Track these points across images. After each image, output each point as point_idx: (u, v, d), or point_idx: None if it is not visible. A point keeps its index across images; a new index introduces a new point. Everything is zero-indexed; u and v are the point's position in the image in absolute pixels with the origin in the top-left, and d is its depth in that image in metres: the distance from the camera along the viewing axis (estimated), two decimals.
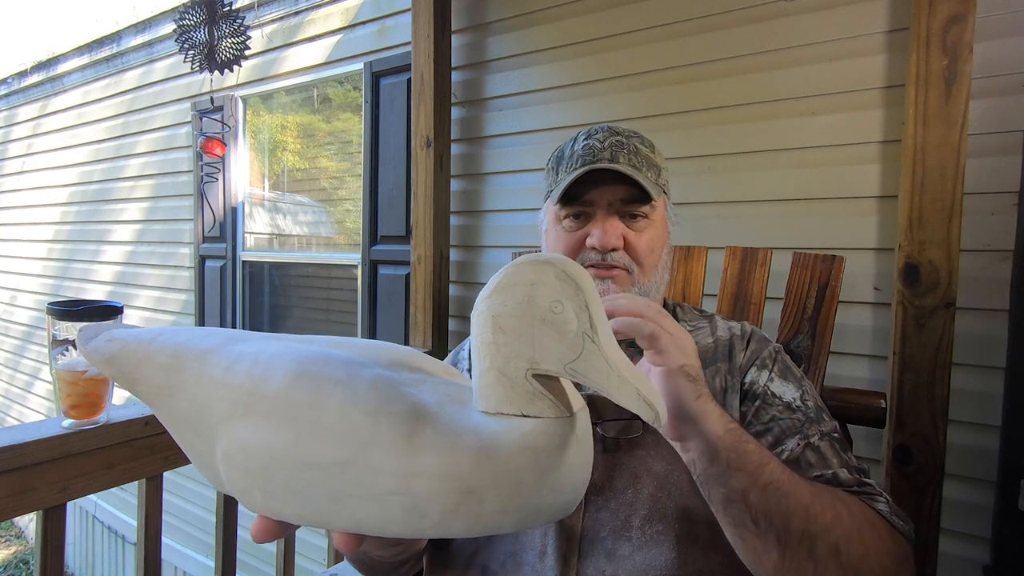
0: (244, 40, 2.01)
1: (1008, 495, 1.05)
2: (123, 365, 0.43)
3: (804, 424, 0.68)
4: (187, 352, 0.40)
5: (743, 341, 0.77)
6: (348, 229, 2.52)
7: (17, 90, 4.25)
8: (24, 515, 0.86)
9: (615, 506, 0.65)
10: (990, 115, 1.15)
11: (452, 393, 0.35)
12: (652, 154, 0.78)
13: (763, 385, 0.72)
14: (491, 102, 1.83)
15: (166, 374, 0.40)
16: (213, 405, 0.37)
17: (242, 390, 0.36)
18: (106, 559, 3.59)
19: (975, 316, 1.17)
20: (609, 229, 0.73)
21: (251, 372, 0.36)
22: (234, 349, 0.39)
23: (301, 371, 0.35)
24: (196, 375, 0.39)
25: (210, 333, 0.43)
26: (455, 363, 0.90)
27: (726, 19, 1.43)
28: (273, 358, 0.37)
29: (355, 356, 0.37)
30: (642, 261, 0.75)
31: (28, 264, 4.21)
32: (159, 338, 0.43)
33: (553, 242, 0.78)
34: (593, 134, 0.78)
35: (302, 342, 0.40)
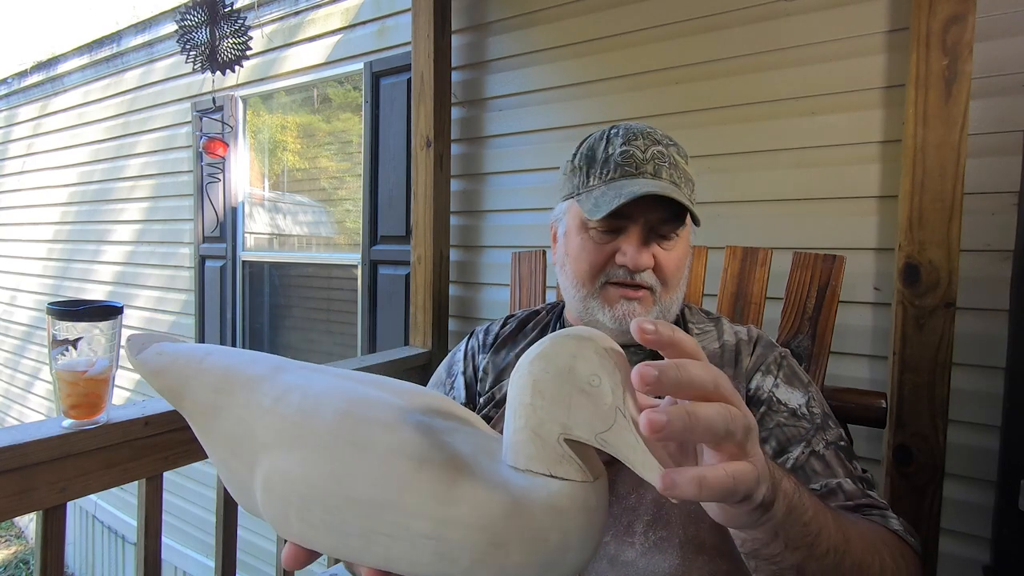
0: (245, 40, 2.01)
1: (1008, 495, 1.05)
2: (171, 380, 0.45)
3: (809, 432, 0.66)
4: (237, 376, 0.42)
5: (750, 346, 0.75)
6: (348, 229, 2.52)
7: (17, 90, 4.25)
8: (24, 515, 0.86)
9: (618, 511, 0.64)
10: (990, 115, 1.15)
11: (483, 444, 0.37)
12: (687, 166, 0.75)
13: (768, 391, 0.70)
14: (491, 102, 1.83)
15: (215, 395, 0.42)
16: (258, 431, 0.39)
17: (291, 421, 0.38)
18: (106, 559, 3.59)
19: (975, 316, 1.17)
20: (644, 250, 0.70)
21: (302, 405, 0.38)
22: (283, 379, 0.41)
23: (350, 411, 0.37)
24: (245, 400, 0.40)
25: (256, 359, 0.44)
26: (451, 365, 0.89)
27: (726, 19, 1.43)
28: (323, 394, 0.39)
29: (397, 400, 0.39)
30: (668, 280, 0.73)
31: (28, 264, 4.21)
32: (209, 358, 0.44)
33: (576, 251, 0.74)
34: (632, 139, 0.72)
35: (344, 379, 0.41)
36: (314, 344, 2.62)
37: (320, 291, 2.61)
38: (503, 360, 0.83)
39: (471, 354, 0.87)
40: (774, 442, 0.66)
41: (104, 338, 0.77)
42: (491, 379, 0.82)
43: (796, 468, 0.64)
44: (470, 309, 1.89)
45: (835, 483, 0.62)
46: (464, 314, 1.90)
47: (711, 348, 0.76)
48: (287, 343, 2.73)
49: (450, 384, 0.86)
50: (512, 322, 0.88)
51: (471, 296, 1.89)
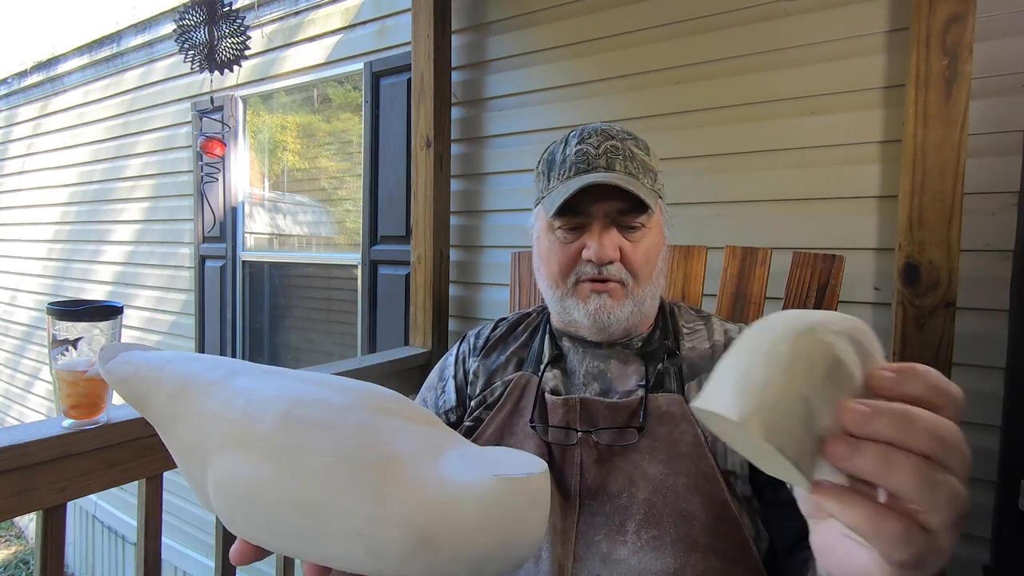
0: (244, 40, 2.01)
1: (1008, 495, 1.05)
2: (135, 388, 0.47)
3: None
4: (193, 382, 0.44)
5: None
6: (348, 229, 2.52)
7: (17, 90, 4.25)
8: (24, 515, 0.86)
9: (609, 510, 0.65)
10: (990, 115, 1.15)
11: (429, 441, 0.38)
12: (648, 157, 0.75)
13: None
14: (491, 102, 1.83)
15: (172, 401, 0.44)
16: (209, 435, 0.40)
17: (236, 425, 0.39)
18: (106, 559, 3.59)
19: (975, 316, 1.17)
20: (606, 242, 0.71)
21: (246, 409, 0.39)
22: (235, 384, 0.42)
23: (291, 412, 0.38)
24: (198, 406, 0.42)
25: (217, 365, 0.46)
26: (442, 370, 0.89)
27: (726, 19, 1.43)
28: (268, 398, 0.40)
29: (343, 400, 0.40)
30: (637, 272, 0.73)
31: (28, 264, 4.21)
32: (169, 366, 0.46)
33: (546, 253, 0.77)
34: (586, 138, 0.75)
35: (299, 380, 0.43)
36: (314, 344, 2.62)
37: (320, 291, 2.61)
38: (493, 363, 0.83)
39: (462, 358, 0.88)
40: None
41: (104, 338, 0.77)
42: (482, 382, 0.82)
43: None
44: (470, 309, 1.89)
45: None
46: (464, 314, 1.90)
47: (701, 348, 0.76)
48: (287, 343, 2.73)
49: (441, 388, 0.87)
50: (503, 325, 0.89)
51: (471, 296, 1.89)
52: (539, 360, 0.81)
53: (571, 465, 0.69)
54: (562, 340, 0.81)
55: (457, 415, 0.84)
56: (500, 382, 0.80)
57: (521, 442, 0.72)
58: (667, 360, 0.74)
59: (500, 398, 0.78)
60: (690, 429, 0.68)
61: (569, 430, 0.70)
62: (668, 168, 1.51)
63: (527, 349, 0.84)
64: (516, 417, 0.76)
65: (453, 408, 0.84)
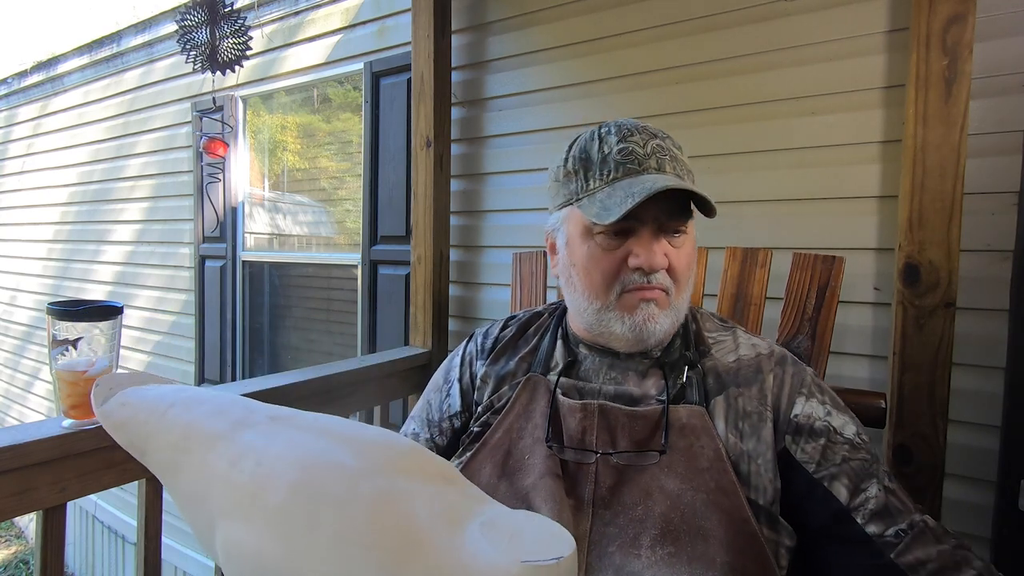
0: (245, 40, 2.01)
1: (1008, 495, 1.05)
2: (133, 436, 0.44)
3: (872, 464, 0.64)
4: (196, 434, 0.41)
5: (771, 362, 0.71)
6: (348, 229, 2.52)
7: (17, 90, 4.25)
8: (24, 515, 0.86)
9: (624, 521, 0.62)
10: (990, 115, 1.15)
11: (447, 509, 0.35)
12: (685, 157, 0.72)
13: (823, 419, 0.66)
14: (491, 102, 1.83)
15: (174, 452, 0.42)
16: (215, 496, 0.38)
17: (244, 491, 0.37)
18: (106, 559, 3.59)
19: (975, 316, 1.16)
20: (657, 249, 0.67)
21: (255, 474, 0.37)
22: (242, 439, 0.40)
23: (301, 482, 0.36)
24: (201, 461, 0.40)
25: (220, 410, 0.43)
26: (448, 371, 0.86)
27: (726, 19, 1.43)
28: (277, 461, 0.37)
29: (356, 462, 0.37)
30: (680, 280, 0.70)
31: (28, 264, 4.21)
32: (171, 411, 0.43)
33: (585, 260, 0.70)
34: (627, 135, 0.68)
35: (310, 433, 0.40)
36: (314, 344, 2.62)
37: (320, 291, 2.61)
38: (502, 368, 0.80)
39: (469, 360, 0.85)
40: (846, 480, 0.63)
41: (104, 338, 0.77)
42: (491, 387, 0.79)
43: (879, 510, 0.61)
44: (470, 309, 1.89)
45: (919, 520, 0.60)
46: (464, 314, 1.90)
47: (726, 361, 0.72)
48: (287, 343, 2.73)
49: (446, 391, 0.84)
50: (513, 325, 0.85)
51: (471, 296, 1.89)
52: (547, 364, 0.77)
53: (585, 472, 0.66)
54: (578, 347, 0.77)
55: (462, 420, 0.81)
56: (509, 386, 0.77)
57: (531, 447, 0.69)
58: (689, 370, 0.71)
59: (508, 401, 0.75)
60: (711, 443, 0.65)
61: (586, 451, 0.67)
62: None
63: (536, 353, 0.80)
64: (525, 420, 0.73)
65: (458, 413, 0.82)
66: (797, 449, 0.66)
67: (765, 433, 0.66)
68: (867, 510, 0.62)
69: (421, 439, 0.83)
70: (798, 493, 0.65)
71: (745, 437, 0.66)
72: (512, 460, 0.70)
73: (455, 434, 0.82)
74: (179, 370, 3.09)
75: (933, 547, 0.59)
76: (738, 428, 0.66)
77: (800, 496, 0.65)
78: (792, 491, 0.65)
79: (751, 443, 0.65)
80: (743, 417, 0.67)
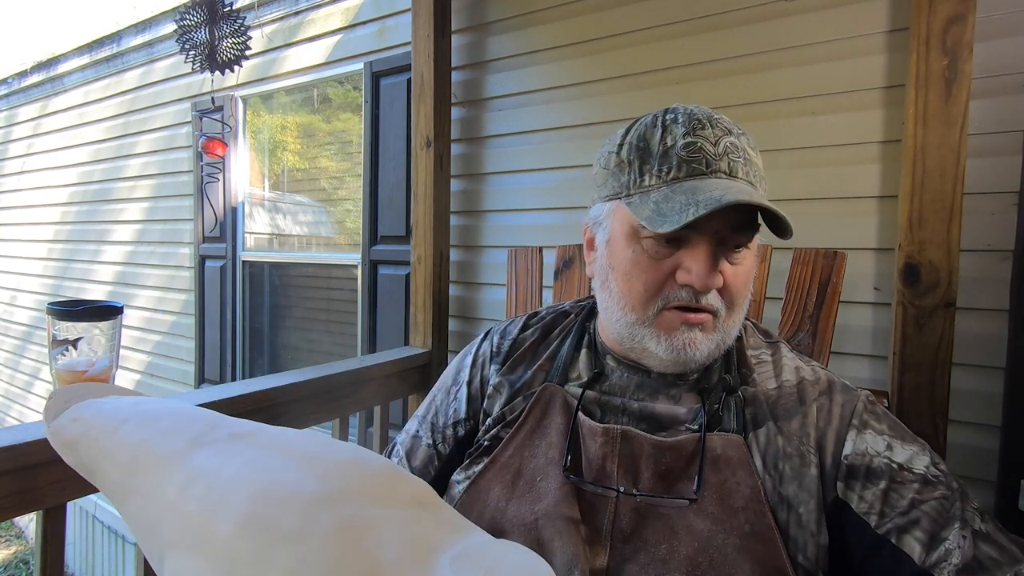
0: (245, 40, 2.01)
1: (1008, 495, 1.05)
2: (83, 455, 0.40)
3: (953, 503, 0.52)
4: (148, 454, 0.38)
5: (815, 390, 0.61)
6: (348, 229, 2.52)
7: (17, 90, 4.25)
8: (24, 515, 0.86)
9: (645, 559, 0.55)
10: (990, 115, 1.15)
11: (417, 540, 0.32)
12: (759, 160, 0.62)
13: (883, 455, 0.55)
14: (491, 102, 1.83)
15: (124, 474, 0.38)
16: (163, 526, 0.35)
17: (192, 522, 0.34)
18: (106, 559, 3.59)
19: (975, 316, 1.16)
20: (713, 266, 0.57)
21: (204, 502, 0.34)
22: (194, 462, 0.36)
23: (253, 515, 0.32)
24: (151, 486, 0.36)
25: (177, 427, 0.39)
26: (458, 371, 0.80)
27: (726, 19, 1.43)
28: (228, 488, 0.34)
29: (319, 486, 0.33)
30: (734, 301, 0.60)
31: (28, 264, 4.21)
32: (123, 427, 0.40)
33: (627, 266, 0.61)
34: (697, 127, 0.58)
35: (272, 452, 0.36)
36: (314, 344, 2.62)
37: (320, 291, 2.61)
38: (519, 378, 0.72)
39: (481, 361, 0.78)
40: (918, 532, 0.51)
41: (104, 338, 0.77)
42: (504, 397, 0.72)
43: (968, 563, 0.49)
44: (470, 309, 1.89)
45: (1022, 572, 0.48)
46: (464, 314, 1.89)
47: (767, 388, 0.62)
48: (287, 343, 2.73)
49: (454, 393, 0.78)
50: (535, 327, 0.77)
51: (471, 296, 1.89)
52: (566, 374, 0.70)
53: (604, 504, 0.59)
54: (605, 358, 0.69)
55: (466, 429, 0.76)
56: (523, 397, 0.70)
57: (543, 469, 0.63)
58: (727, 396, 0.62)
59: (521, 415, 0.68)
60: (748, 480, 0.56)
61: (607, 488, 0.59)
62: None
63: (555, 359, 0.72)
64: (539, 438, 0.66)
65: (462, 420, 0.76)
66: (854, 497, 0.55)
67: (808, 479, 0.56)
68: (950, 566, 0.49)
69: (423, 443, 0.78)
70: (860, 553, 0.54)
71: (785, 481, 0.56)
72: (522, 481, 0.64)
73: (458, 444, 0.76)
74: (179, 370, 3.09)
75: None
76: (777, 469, 0.57)
77: (863, 556, 0.54)
78: (853, 551, 0.55)
79: (791, 488, 0.56)
80: (784, 458, 0.57)
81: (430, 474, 0.77)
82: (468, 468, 0.70)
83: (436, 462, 0.77)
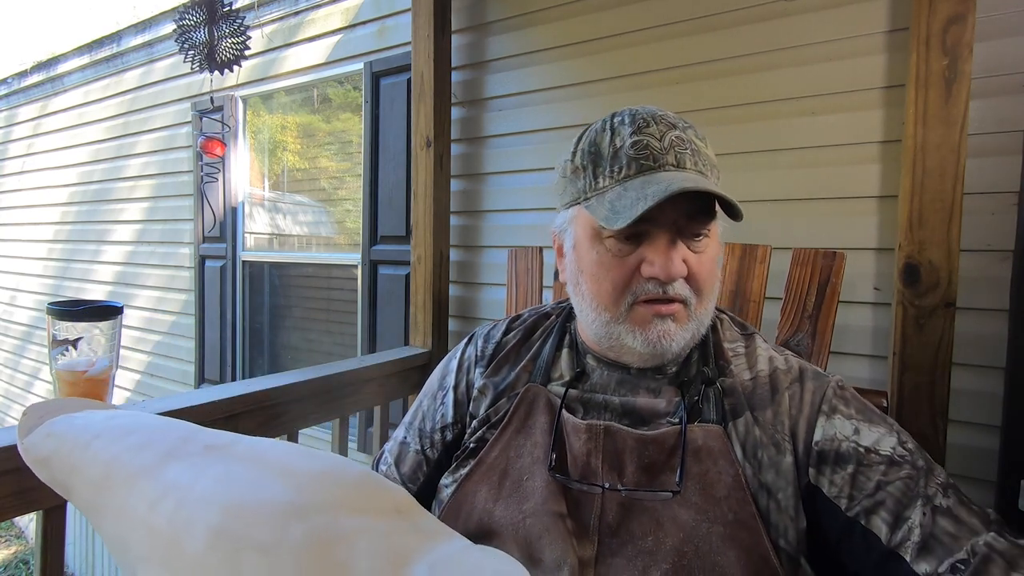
0: (244, 40, 2.01)
1: (1008, 495, 1.05)
2: (56, 472, 0.40)
3: (918, 481, 0.54)
4: (119, 470, 0.37)
5: (788, 378, 0.64)
6: (348, 229, 2.52)
7: (17, 90, 4.25)
8: (24, 515, 0.86)
9: (632, 552, 0.57)
10: (990, 115, 1.15)
11: (392, 552, 0.31)
12: (708, 149, 0.64)
13: (851, 440, 0.57)
14: (491, 102, 1.83)
15: (96, 491, 0.38)
16: (132, 543, 0.35)
17: (161, 538, 0.33)
18: (106, 559, 3.59)
19: (975, 316, 1.16)
20: (674, 256, 0.59)
21: (174, 518, 0.33)
22: (166, 476, 0.36)
23: (223, 528, 0.32)
24: (121, 503, 0.36)
25: (150, 442, 0.39)
26: (444, 376, 0.81)
27: (726, 19, 1.43)
28: (199, 502, 0.33)
29: (292, 498, 0.33)
30: (702, 288, 0.62)
31: (28, 264, 4.21)
32: (94, 443, 0.39)
33: (593, 267, 0.64)
34: (643, 126, 0.61)
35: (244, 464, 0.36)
36: (314, 344, 2.62)
37: (320, 291, 2.61)
38: (503, 380, 0.74)
39: (467, 365, 0.79)
40: (884, 512, 0.54)
41: (104, 338, 0.77)
42: (489, 399, 0.73)
43: (928, 539, 0.51)
44: (470, 309, 1.89)
45: (982, 544, 0.49)
46: (464, 314, 1.89)
47: (742, 379, 0.65)
48: (287, 343, 2.73)
49: (440, 398, 0.79)
50: (518, 329, 0.79)
51: (471, 296, 1.89)
52: (549, 374, 0.72)
53: (590, 499, 0.61)
54: (586, 357, 0.71)
55: (453, 433, 0.76)
56: (507, 398, 0.72)
57: (529, 468, 0.65)
58: (706, 388, 0.64)
59: (506, 415, 0.70)
60: (729, 469, 0.59)
61: (592, 485, 0.61)
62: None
63: (538, 360, 0.74)
64: (524, 438, 0.68)
65: (449, 425, 0.76)
66: (825, 482, 0.57)
67: (784, 466, 0.58)
68: (912, 544, 0.51)
69: (411, 450, 0.79)
70: (834, 536, 0.56)
71: (764, 469, 0.59)
72: (509, 481, 0.65)
73: (446, 448, 0.77)
74: (179, 370, 3.09)
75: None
76: (756, 458, 0.59)
77: (837, 539, 0.56)
78: (825, 534, 0.57)
79: (769, 475, 0.58)
80: (761, 447, 0.60)
81: (419, 479, 0.78)
82: (455, 471, 0.71)
83: (425, 467, 0.77)
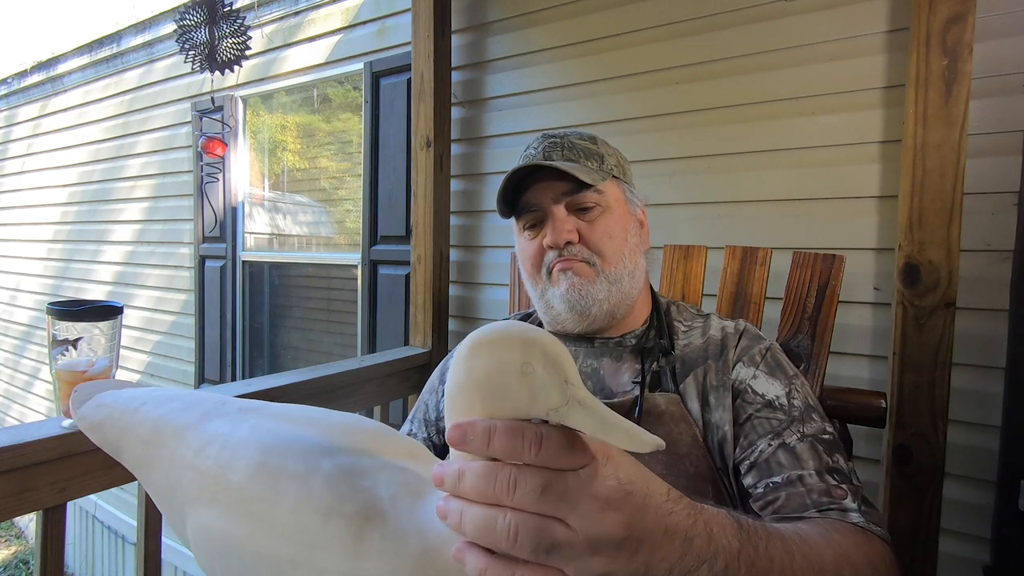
0: (244, 40, 2.01)
1: (1008, 495, 1.05)
2: (108, 434, 0.45)
3: (783, 424, 0.66)
4: (166, 427, 0.43)
5: (735, 337, 0.76)
6: (348, 229, 2.52)
7: (17, 90, 4.25)
8: (24, 515, 0.86)
9: None
10: (990, 115, 1.15)
11: (409, 482, 0.36)
12: (592, 144, 0.79)
13: (746, 383, 0.71)
14: (491, 102, 1.83)
15: (146, 447, 0.43)
16: (183, 485, 0.39)
17: (208, 476, 0.38)
18: (106, 559, 3.59)
19: (975, 316, 1.16)
20: (558, 226, 0.74)
21: (218, 458, 0.39)
22: (208, 429, 0.41)
23: (263, 462, 0.37)
24: (171, 453, 0.41)
25: (191, 405, 0.44)
26: (443, 372, 0.89)
27: (726, 19, 1.43)
28: (240, 445, 0.39)
29: (319, 440, 0.38)
30: (601, 249, 0.75)
31: (28, 264, 4.21)
32: (142, 408, 0.45)
33: (522, 255, 0.81)
34: (529, 145, 0.80)
35: (275, 419, 0.41)
36: (314, 344, 2.62)
37: (320, 291, 2.61)
38: None
39: None
40: (745, 436, 0.67)
41: (104, 338, 0.77)
42: None
43: (760, 462, 0.64)
44: (470, 309, 1.89)
45: (796, 475, 0.61)
46: (464, 314, 1.89)
47: (695, 343, 0.76)
48: (287, 343, 2.73)
49: (441, 392, 0.86)
50: None
51: (471, 296, 1.89)
52: None
53: None
54: None
55: None
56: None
57: None
58: (662, 359, 0.75)
59: None
60: (688, 429, 0.69)
61: None
62: (667, 168, 1.50)
63: None
64: None
65: None
66: (734, 410, 0.70)
67: (728, 401, 0.70)
68: (747, 463, 0.65)
69: (418, 438, 0.84)
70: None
71: (712, 408, 0.70)
72: None
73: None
74: (179, 370, 3.09)
75: (794, 502, 0.59)
76: (708, 402, 0.71)
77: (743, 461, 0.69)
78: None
79: (718, 413, 0.70)
80: (711, 390, 0.71)
81: None
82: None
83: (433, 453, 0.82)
